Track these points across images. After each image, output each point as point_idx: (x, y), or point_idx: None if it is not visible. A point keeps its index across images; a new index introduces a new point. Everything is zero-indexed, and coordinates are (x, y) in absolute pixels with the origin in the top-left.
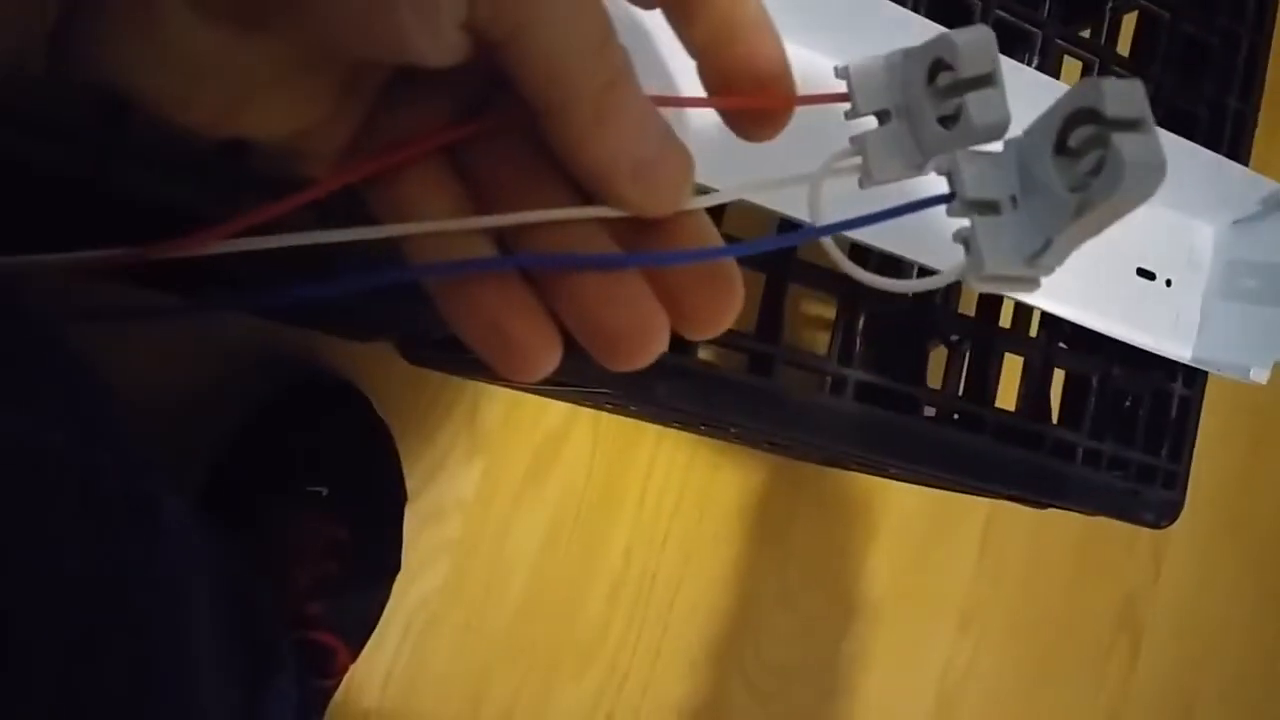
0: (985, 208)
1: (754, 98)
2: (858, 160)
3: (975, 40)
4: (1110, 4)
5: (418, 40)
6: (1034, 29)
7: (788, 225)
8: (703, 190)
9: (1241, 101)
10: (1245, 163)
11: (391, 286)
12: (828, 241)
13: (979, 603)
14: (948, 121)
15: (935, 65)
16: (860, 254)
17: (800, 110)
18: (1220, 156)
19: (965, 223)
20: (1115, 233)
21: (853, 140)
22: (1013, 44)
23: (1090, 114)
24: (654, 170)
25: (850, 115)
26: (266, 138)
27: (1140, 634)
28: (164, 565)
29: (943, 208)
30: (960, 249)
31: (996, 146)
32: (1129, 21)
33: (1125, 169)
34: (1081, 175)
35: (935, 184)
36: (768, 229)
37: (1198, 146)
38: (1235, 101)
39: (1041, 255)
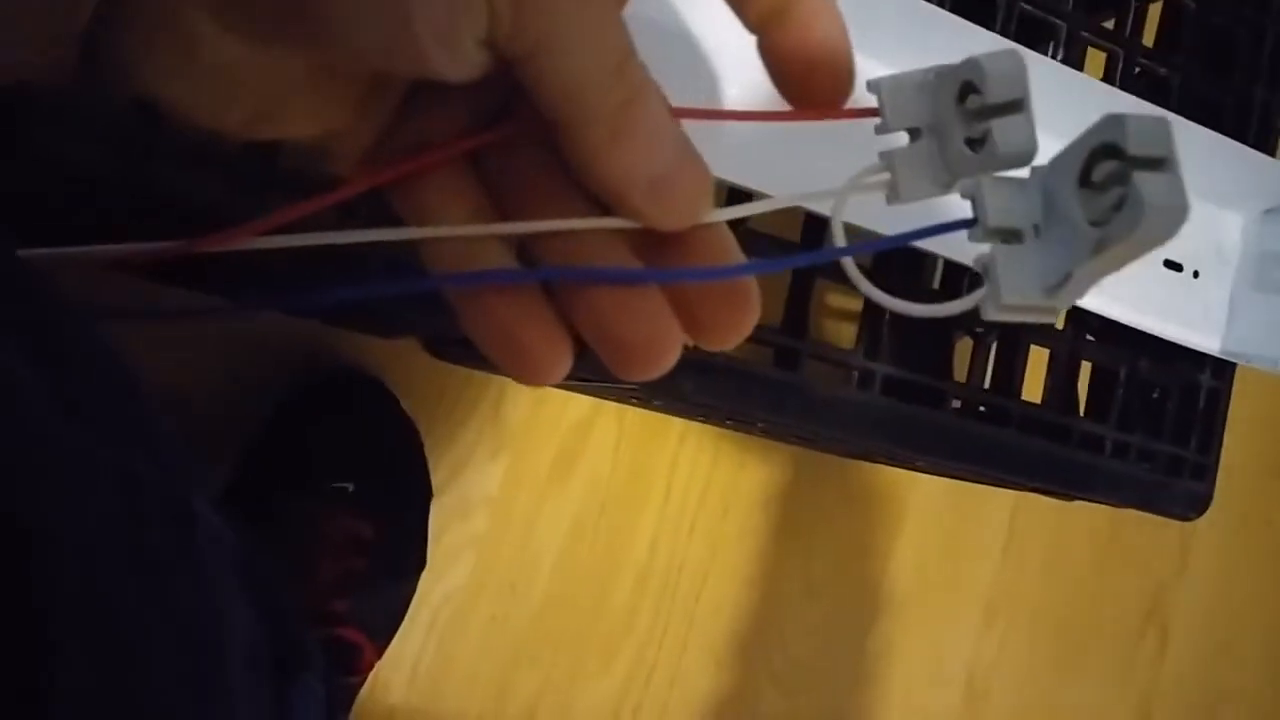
0: (1008, 235)
1: (785, 111)
2: (885, 176)
3: (1005, 66)
4: None
5: (436, 57)
6: (1058, 21)
7: (814, 221)
8: (736, 191)
9: (1269, 92)
10: (1272, 153)
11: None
12: (848, 262)
13: (1005, 594)
14: (975, 144)
15: (965, 87)
16: (885, 251)
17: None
18: (1247, 147)
19: (986, 248)
20: None
21: (882, 156)
22: (1036, 36)
23: (1114, 149)
24: (670, 186)
25: (880, 130)
26: (292, 140)
27: (1168, 625)
28: (201, 567)
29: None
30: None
31: (1023, 173)
32: (1154, 12)
33: (1145, 210)
34: (1103, 210)
35: (963, 202)
36: (794, 223)
37: (1224, 137)
38: (1262, 92)
39: (1061, 288)
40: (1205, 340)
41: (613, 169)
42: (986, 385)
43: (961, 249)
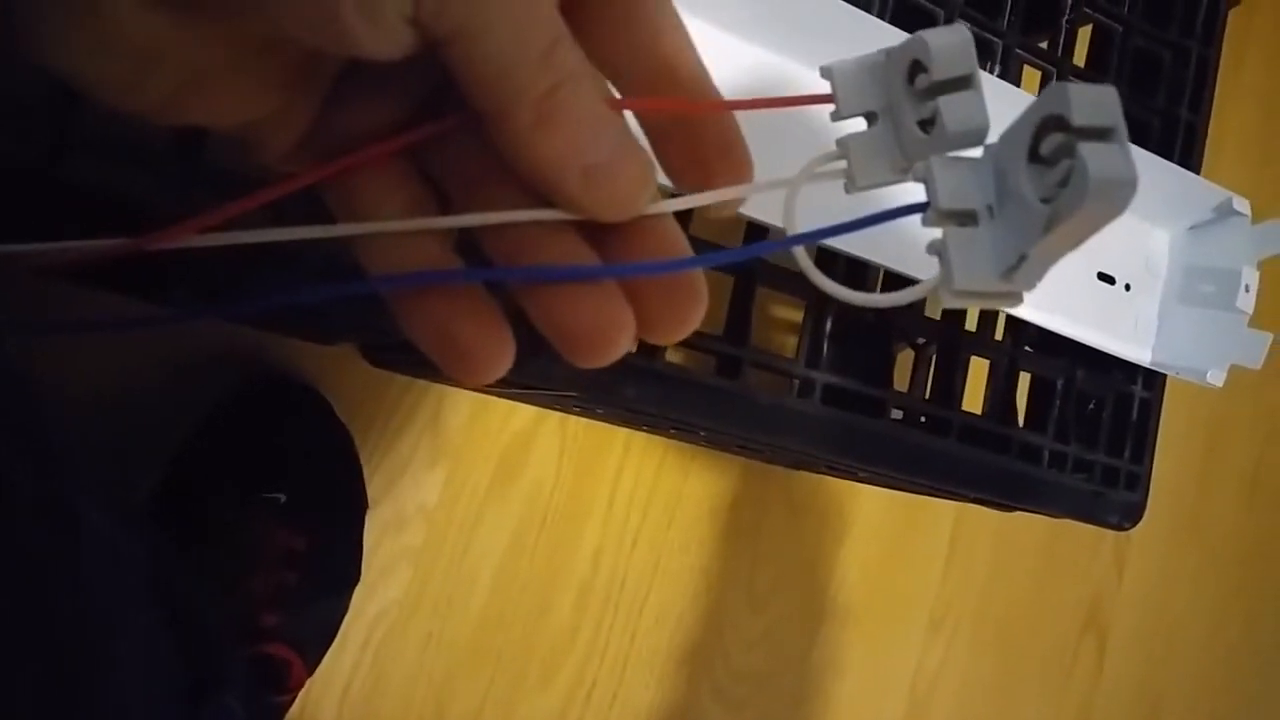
0: (961, 217)
1: (734, 100)
2: (842, 164)
3: (950, 42)
4: (1066, 16)
5: (359, 30)
6: (995, 38)
7: (756, 229)
8: (678, 194)
9: (1192, 112)
10: (1196, 171)
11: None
12: (801, 253)
13: (948, 605)
14: (926, 125)
15: (914, 66)
16: (827, 257)
17: (786, 113)
18: (1174, 165)
19: (939, 233)
20: None
21: (838, 142)
22: (976, 52)
23: (1059, 121)
24: (606, 176)
25: (835, 117)
26: (217, 127)
27: (1106, 634)
28: (86, 574)
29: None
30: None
31: (976, 152)
32: (1084, 34)
33: (1090, 182)
34: (1052, 185)
35: (919, 190)
36: (737, 230)
37: (1153, 155)
38: (1186, 112)
39: (1016, 270)
40: (1136, 352)
41: (542, 156)
42: (927, 395)
43: (904, 259)
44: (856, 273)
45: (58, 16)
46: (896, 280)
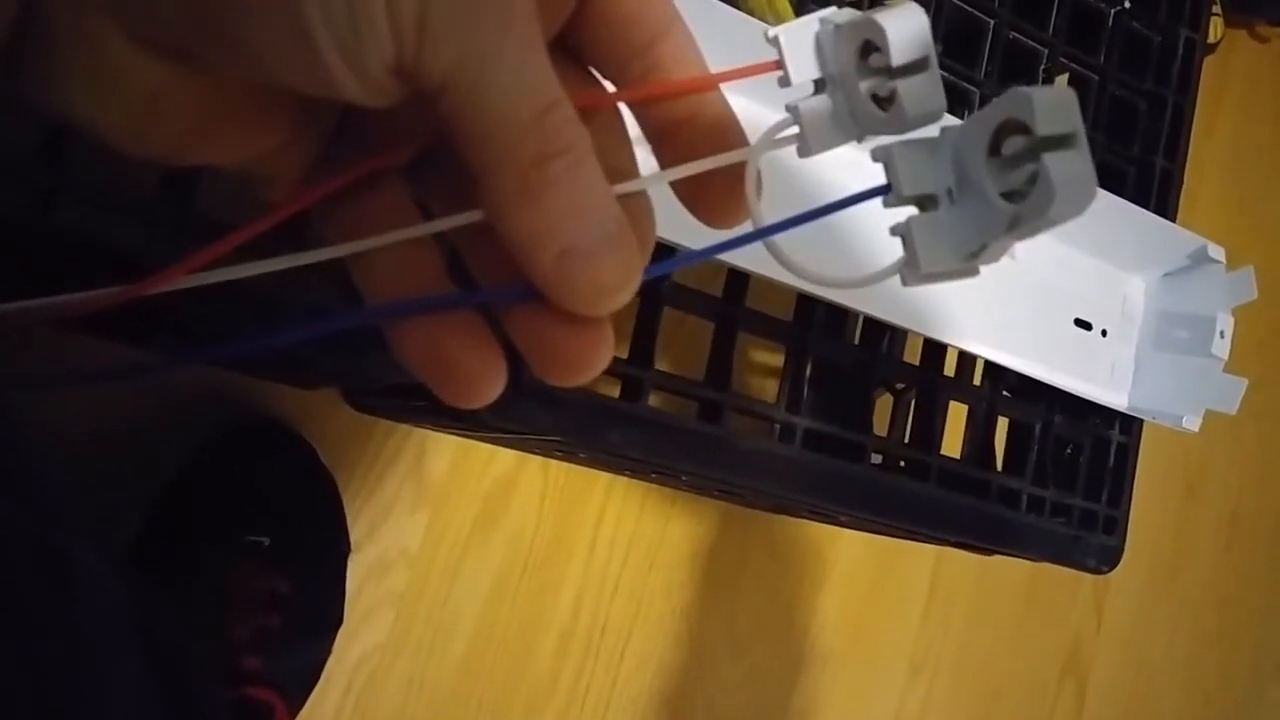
0: (923, 201)
1: (685, 81)
2: (794, 130)
3: (908, 28)
4: (1044, 65)
5: (345, 82)
6: (972, 87)
7: (735, 276)
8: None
9: (1167, 160)
10: (1171, 219)
11: (340, 332)
12: (774, 243)
13: (929, 649)
14: (882, 102)
15: (868, 44)
16: (806, 306)
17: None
18: (1149, 213)
19: (902, 217)
20: (1054, 283)
21: (788, 108)
22: (953, 99)
23: (1021, 125)
24: (583, 265)
25: (783, 84)
26: (221, 165)
27: (1085, 678)
28: (75, 615)
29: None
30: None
31: (933, 130)
32: (1061, 82)
33: (1057, 191)
34: (1015, 184)
35: (876, 175)
36: (719, 277)
37: (1128, 203)
38: (1162, 161)
39: (978, 256)
40: (1113, 397)
41: (519, 228)
42: (906, 440)
43: (881, 305)
44: (836, 319)
45: (58, 62)
46: (876, 326)
